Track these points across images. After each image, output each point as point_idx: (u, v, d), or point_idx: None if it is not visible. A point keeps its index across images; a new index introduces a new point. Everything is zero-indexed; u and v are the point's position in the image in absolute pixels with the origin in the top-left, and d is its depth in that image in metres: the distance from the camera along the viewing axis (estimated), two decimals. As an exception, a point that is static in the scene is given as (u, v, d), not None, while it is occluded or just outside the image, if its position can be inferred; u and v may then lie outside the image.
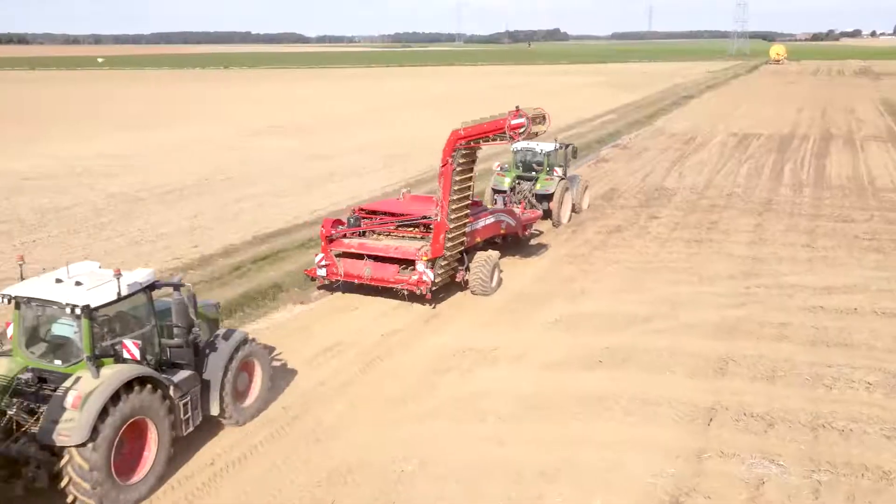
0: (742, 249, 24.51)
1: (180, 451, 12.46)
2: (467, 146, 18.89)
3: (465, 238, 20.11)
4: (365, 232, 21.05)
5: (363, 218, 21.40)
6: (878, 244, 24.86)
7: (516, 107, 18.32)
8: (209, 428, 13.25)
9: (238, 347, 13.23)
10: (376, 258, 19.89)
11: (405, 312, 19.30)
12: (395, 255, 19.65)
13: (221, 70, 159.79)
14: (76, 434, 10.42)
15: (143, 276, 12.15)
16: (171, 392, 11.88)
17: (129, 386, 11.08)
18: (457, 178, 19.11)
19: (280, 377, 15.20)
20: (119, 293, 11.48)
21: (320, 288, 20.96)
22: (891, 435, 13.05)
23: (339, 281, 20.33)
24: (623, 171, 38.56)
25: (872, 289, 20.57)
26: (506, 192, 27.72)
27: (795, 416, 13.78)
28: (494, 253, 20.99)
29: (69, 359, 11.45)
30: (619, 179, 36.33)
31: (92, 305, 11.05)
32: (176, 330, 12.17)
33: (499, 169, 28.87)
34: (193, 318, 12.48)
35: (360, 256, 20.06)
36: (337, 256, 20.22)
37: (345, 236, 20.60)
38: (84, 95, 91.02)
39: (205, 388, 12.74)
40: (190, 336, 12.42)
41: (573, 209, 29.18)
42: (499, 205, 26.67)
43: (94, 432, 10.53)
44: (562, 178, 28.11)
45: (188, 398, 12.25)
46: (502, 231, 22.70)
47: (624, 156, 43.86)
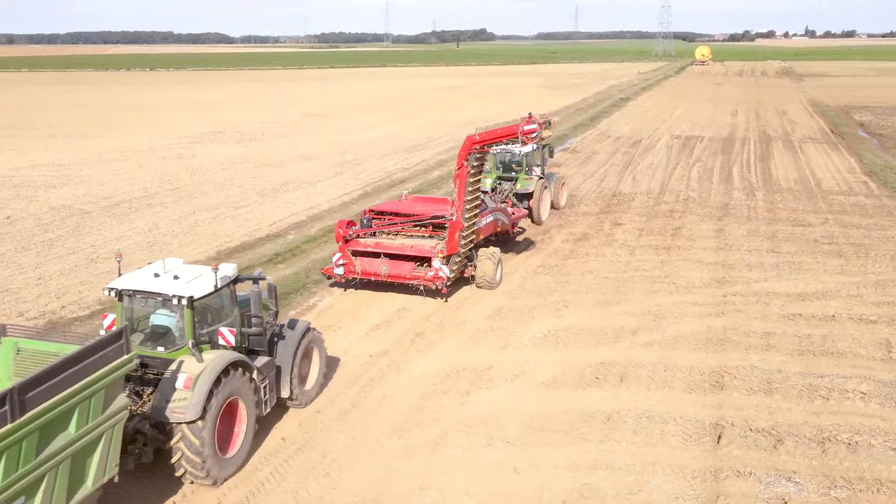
0: (710, 256, 24.78)
1: (184, 492, 11.82)
2: (480, 150, 20.27)
3: (475, 236, 21.48)
4: (375, 232, 21.96)
5: (374, 219, 22.35)
6: (838, 248, 25.44)
7: (529, 114, 20.01)
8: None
9: (303, 335, 14.43)
10: (392, 256, 20.89)
11: (388, 331, 18.85)
12: (412, 253, 20.76)
13: (147, 72, 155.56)
14: (189, 412, 11.47)
15: (230, 270, 13.31)
16: (255, 376, 12.99)
17: (226, 369, 12.15)
18: (470, 181, 20.45)
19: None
20: (216, 285, 12.69)
21: (332, 285, 21.78)
22: (896, 447, 13.24)
23: (355, 279, 21.25)
24: (578, 177, 38.72)
25: (843, 294, 20.99)
26: (487, 192, 28.08)
27: (800, 430, 13.87)
28: (496, 249, 22.03)
29: (170, 346, 12.51)
30: (576, 185, 36.45)
31: (195, 297, 12.23)
32: (254, 319, 13.14)
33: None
34: (274, 307, 13.99)
35: (376, 255, 21.05)
36: (354, 255, 21.20)
37: (358, 236, 21.53)
38: (4, 101, 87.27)
39: (277, 373, 13.89)
40: (266, 325, 13.50)
41: (552, 206, 30.38)
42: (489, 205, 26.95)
43: (203, 410, 11.55)
44: (540, 177, 28.95)
45: (266, 382, 13.45)
46: (498, 229, 23.93)
47: (575, 160, 44.12)
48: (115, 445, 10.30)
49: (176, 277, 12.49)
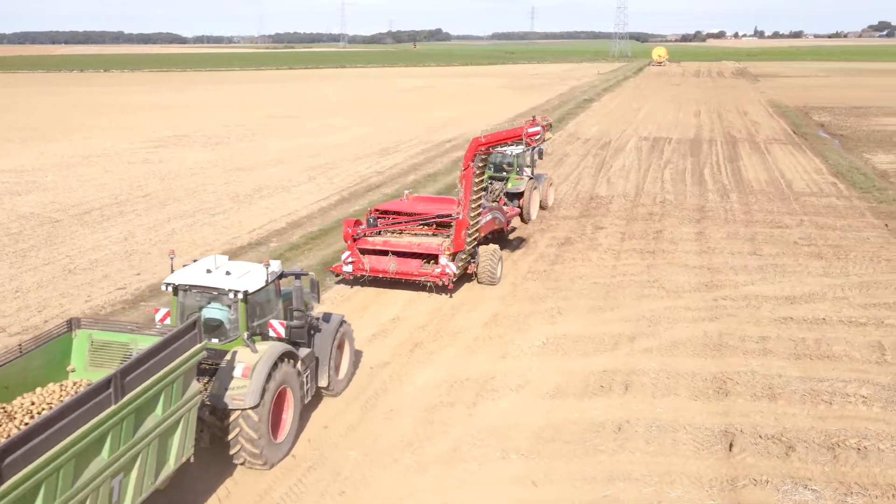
0: (694, 259, 24.97)
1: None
2: (485, 151, 21.16)
3: (479, 234, 22.31)
4: (381, 231, 22.50)
5: (379, 218, 22.92)
6: (817, 250, 25.82)
7: (533, 117, 21.18)
8: (225, 485, 12.31)
9: (338, 328, 15.18)
10: (399, 254, 21.58)
11: (385, 341, 18.61)
12: (420, 251, 21.54)
13: (101, 73, 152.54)
14: (249, 398, 12.12)
15: (276, 266, 13.94)
16: (299, 366, 13.62)
17: (278, 360, 12.80)
18: (475, 181, 21.19)
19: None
20: (267, 280, 13.39)
21: (339, 282, 22.49)
22: (904, 451, 13.41)
23: (363, 276, 21.87)
24: (553, 179, 38.74)
25: (830, 297, 21.29)
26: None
27: (808, 435, 13.98)
28: (496, 247, 22.87)
29: (223, 337, 13.05)
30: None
31: (249, 291, 12.85)
32: (296, 312, 13.89)
33: None
34: (315, 302, 14.96)
35: (384, 253, 21.73)
36: (362, 253, 21.82)
37: (365, 235, 22.09)
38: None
39: (316, 364, 14.57)
40: (307, 318, 14.08)
41: (541, 205, 31.25)
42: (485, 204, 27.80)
43: (260, 398, 12.19)
44: (530, 178, 29.70)
45: (308, 371, 14.08)
46: (496, 227, 24.64)
47: (548, 162, 44.13)
48: (191, 428, 11.03)
49: (228, 273, 13.18)
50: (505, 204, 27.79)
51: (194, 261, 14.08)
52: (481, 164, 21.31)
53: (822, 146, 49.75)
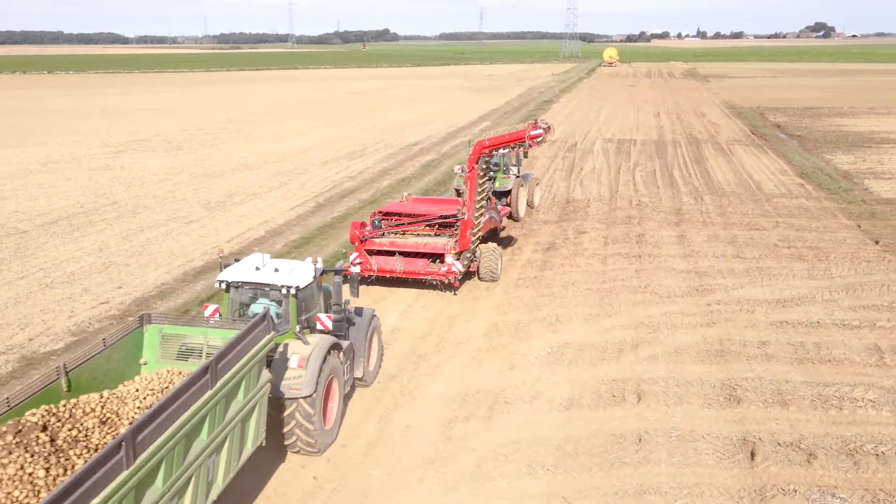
0: (680, 263, 25.15)
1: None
2: (489, 154, 22.17)
3: (481, 233, 23.21)
4: (385, 232, 23.17)
5: (382, 219, 23.62)
6: (798, 252, 26.22)
7: (535, 119, 21.87)
8: (250, 514, 11.92)
9: (370, 321, 16.02)
10: (405, 254, 22.30)
11: (388, 353, 18.20)
12: (426, 251, 22.27)
13: (45, 74, 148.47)
14: (306, 387, 12.79)
15: (319, 263, 14.75)
16: (341, 357, 14.25)
17: (328, 351, 13.50)
18: (479, 182, 22.17)
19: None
20: (314, 276, 14.17)
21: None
22: (921, 455, 13.60)
23: (371, 276, 22.40)
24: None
25: (819, 300, 21.60)
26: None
27: (825, 442, 14.10)
28: (495, 245, 23.67)
29: (274, 331, 12.89)
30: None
31: (300, 286, 13.56)
32: (334, 307, 14.56)
33: (460, 171, 30.62)
34: (355, 296, 15.39)
35: (390, 253, 22.45)
36: (369, 254, 22.53)
37: (371, 236, 22.84)
38: None
39: (353, 356, 15.22)
40: (346, 312, 14.79)
41: (528, 204, 31.84)
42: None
43: (315, 386, 12.83)
44: (517, 177, 30.10)
45: (348, 363, 14.75)
46: (492, 226, 25.40)
47: (518, 166, 44.19)
48: (263, 414, 11.80)
49: (276, 270, 13.87)
50: (496, 203, 28.23)
51: (236, 260, 14.65)
52: (484, 167, 22.43)
53: (783, 147, 50.72)
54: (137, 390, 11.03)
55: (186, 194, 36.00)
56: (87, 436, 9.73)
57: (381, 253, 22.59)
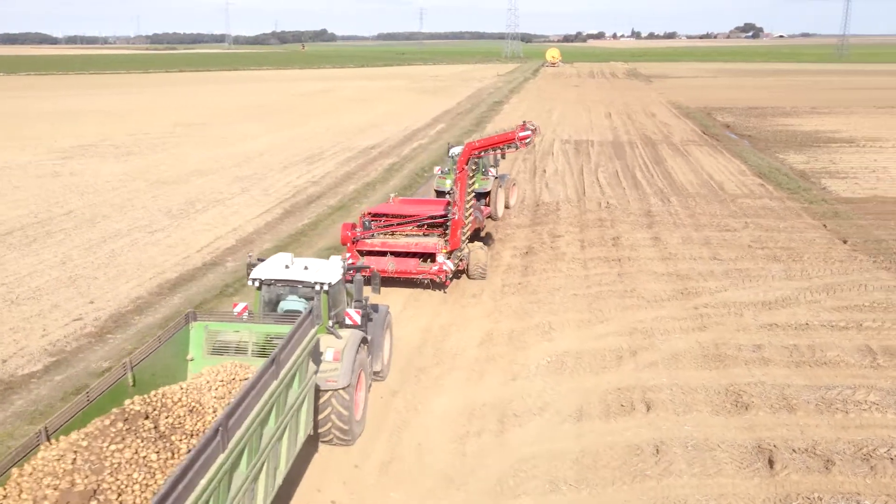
0: (659, 266, 25.21)
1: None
2: (478, 155, 22.55)
3: (470, 232, 23.81)
4: (374, 233, 23.41)
5: (372, 220, 23.87)
6: (771, 252, 26.54)
7: (524, 121, 21.95)
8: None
9: (385, 317, 16.56)
10: (397, 254, 22.56)
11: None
12: (418, 251, 22.63)
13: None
14: (342, 379, 13.27)
15: (342, 261, 15.32)
16: (366, 351, 14.75)
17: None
18: (468, 183, 22.61)
19: (302, 460, 13.37)
20: (342, 273, 14.70)
21: None
22: (933, 457, 13.74)
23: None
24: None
25: (803, 301, 21.84)
26: (447, 192, 29.85)
27: (838, 447, 14.15)
28: (481, 244, 24.36)
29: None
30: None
31: (331, 283, 14.15)
32: (355, 303, 14.98)
33: (439, 172, 31.40)
34: (376, 293, 16.17)
35: (382, 253, 22.66)
36: (361, 255, 22.66)
37: (363, 237, 23.09)
38: None
39: (373, 350, 15.60)
40: (366, 308, 15.15)
41: (505, 204, 32.23)
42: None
43: (350, 378, 13.36)
44: (495, 178, 30.31)
45: (370, 357, 15.17)
46: (476, 225, 25.99)
47: (480, 168, 44.01)
48: (311, 404, 12.39)
49: (306, 268, 14.37)
50: (477, 204, 28.12)
51: (260, 260, 15.16)
52: (474, 168, 22.99)
53: (736, 147, 51.62)
54: (209, 382, 11.53)
55: (145, 202, 34.83)
56: (181, 423, 10.35)
57: (372, 253, 22.78)
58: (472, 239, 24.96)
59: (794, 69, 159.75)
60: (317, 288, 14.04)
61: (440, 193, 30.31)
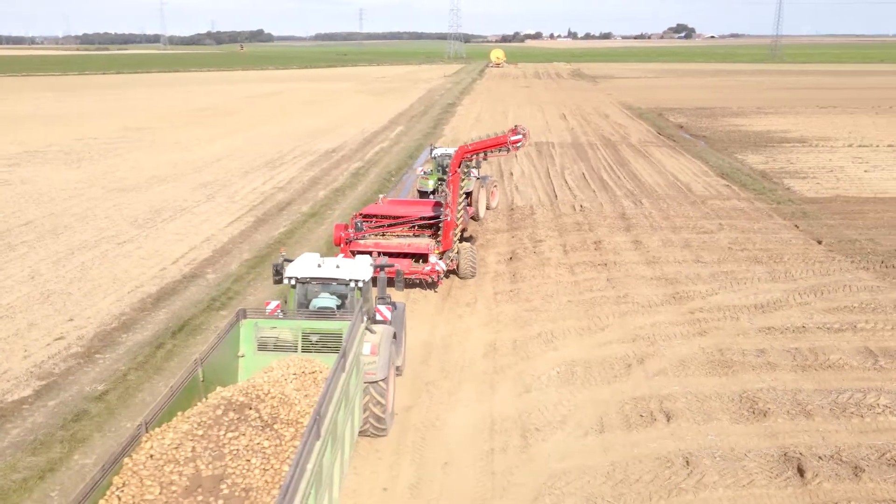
0: (646, 270, 25.23)
1: None
2: (469, 158, 23.08)
3: (461, 233, 24.45)
4: (366, 234, 23.73)
5: (364, 221, 24.15)
6: (752, 254, 26.80)
7: (515, 125, 22.81)
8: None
9: (403, 314, 16.86)
10: (389, 254, 22.55)
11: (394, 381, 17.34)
12: (411, 251, 22.97)
13: None
14: (380, 372, 13.63)
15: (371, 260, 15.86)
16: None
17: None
18: (460, 185, 23.14)
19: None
20: (372, 271, 15.18)
21: None
22: (955, 460, 13.89)
23: None
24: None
25: (793, 303, 22.05)
26: (430, 192, 30.93)
27: (863, 453, 14.22)
28: (470, 244, 24.72)
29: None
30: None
31: (365, 280, 14.63)
32: (379, 300, 15.46)
33: (422, 173, 31.85)
34: (400, 290, 17.05)
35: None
36: (353, 255, 22.27)
37: (356, 238, 23.42)
38: None
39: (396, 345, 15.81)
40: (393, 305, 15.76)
41: (486, 205, 32.57)
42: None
43: (387, 370, 13.74)
44: (477, 178, 30.49)
45: (397, 351, 15.50)
46: (462, 226, 26.14)
47: (447, 172, 43.70)
48: (362, 398, 12.95)
49: (338, 266, 14.86)
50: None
51: (287, 260, 15.56)
52: (465, 171, 23.62)
53: (694, 148, 52.32)
54: (284, 375, 12.00)
55: (107, 211, 33.58)
56: (277, 413, 10.73)
57: (365, 254, 22.11)
58: (463, 239, 25.19)
59: (731, 69, 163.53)
60: (352, 285, 14.55)
61: (423, 194, 30.97)
